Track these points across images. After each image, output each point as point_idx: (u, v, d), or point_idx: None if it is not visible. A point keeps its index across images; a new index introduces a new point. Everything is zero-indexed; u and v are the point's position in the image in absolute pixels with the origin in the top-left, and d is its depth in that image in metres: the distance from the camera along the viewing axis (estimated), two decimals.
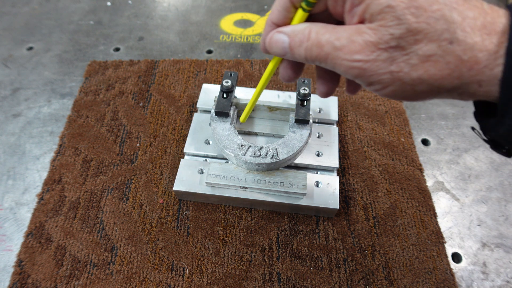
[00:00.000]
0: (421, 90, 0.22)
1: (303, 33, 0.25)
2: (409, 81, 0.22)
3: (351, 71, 0.23)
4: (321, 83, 0.31)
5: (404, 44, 0.21)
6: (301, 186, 0.44)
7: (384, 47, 0.21)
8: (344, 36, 0.23)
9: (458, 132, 0.56)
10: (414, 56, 0.21)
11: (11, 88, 0.62)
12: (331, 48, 0.23)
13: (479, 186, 0.50)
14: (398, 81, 0.22)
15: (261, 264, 0.43)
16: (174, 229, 0.46)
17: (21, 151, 0.54)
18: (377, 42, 0.21)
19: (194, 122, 0.52)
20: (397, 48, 0.21)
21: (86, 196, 0.48)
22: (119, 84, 0.61)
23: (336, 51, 0.23)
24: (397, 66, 0.21)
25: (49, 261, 0.43)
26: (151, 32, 0.72)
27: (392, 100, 0.59)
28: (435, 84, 0.21)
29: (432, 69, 0.21)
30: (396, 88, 0.22)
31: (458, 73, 0.21)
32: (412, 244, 0.45)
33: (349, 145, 0.53)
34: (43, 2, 0.78)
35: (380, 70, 0.22)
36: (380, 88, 0.23)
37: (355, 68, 0.22)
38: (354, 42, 0.22)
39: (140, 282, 0.42)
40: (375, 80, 0.22)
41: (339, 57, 0.23)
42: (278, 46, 0.26)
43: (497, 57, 0.20)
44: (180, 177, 0.46)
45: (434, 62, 0.21)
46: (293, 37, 0.25)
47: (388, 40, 0.21)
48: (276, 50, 0.27)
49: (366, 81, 0.23)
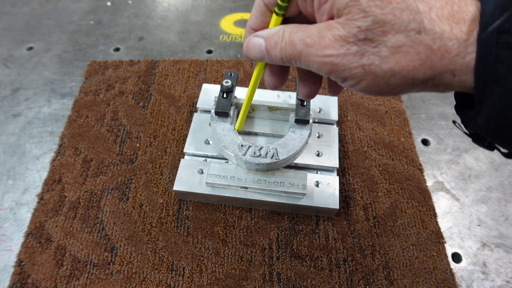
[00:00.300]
0: (395, 83, 0.22)
1: (278, 34, 0.25)
2: (381, 74, 0.22)
3: (323, 67, 0.23)
4: (303, 85, 0.31)
5: (372, 36, 0.21)
6: (301, 186, 0.44)
7: (353, 40, 0.21)
8: (314, 33, 0.23)
9: (458, 132, 0.56)
10: (383, 47, 0.21)
11: (11, 88, 0.62)
12: (303, 45, 0.23)
13: (479, 186, 0.50)
14: (370, 75, 0.22)
15: (261, 264, 0.43)
16: (174, 229, 0.46)
17: (21, 151, 0.54)
18: (346, 36, 0.21)
19: (194, 122, 0.52)
20: (365, 41, 0.21)
21: (86, 196, 0.48)
22: (119, 84, 0.61)
23: (308, 48, 0.23)
24: (368, 59, 0.21)
25: (49, 261, 0.43)
26: (151, 32, 0.72)
27: (392, 100, 0.59)
28: (408, 76, 0.21)
29: (403, 60, 0.21)
30: (369, 82, 0.22)
31: (430, 63, 0.21)
32: (412, 244, 0.45)
33: (349, 145, 0.53)
34: (43, 2, 0.78)
35: (352, 64, 0.22)
36: (354, 83, 0.23)
37: (327, 63, 0.22)
38: (324, 37, 0.22)
39: (140, 282, 0.42)
40: (348, 75, 0.22)
41: (311, 53, 0.23)
42: (256, 49, 0.27)
43: (468, 45, 0.20)
44: (180, 177, 0.46)
45: (404, 53, 0.21)
46: (269, 39, 0.26)
47: (356, 33, 0.21)
48: (254, 54, 0.27)
49: (339, 77, 0.23)
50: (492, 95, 0.20)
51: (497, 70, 0.19)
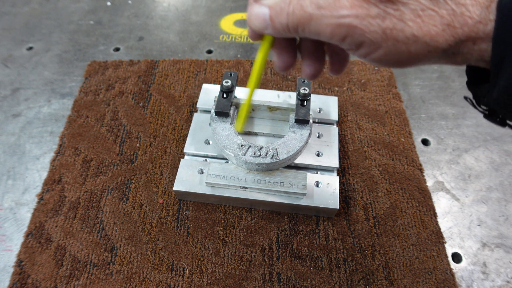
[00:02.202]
0: (416, 51, 0.21)
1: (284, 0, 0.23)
2: (403, 39, 0.20)
3: (338, 30, 0.21)
4: (307, 65, 0.28)
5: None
6: (301, 186, 0.44)
7: (374, 2, 0.20)
8: None
9: (458, 132, 0.56)
10: (407, 10, 0.20)
11: (11, 88, 0.62)
12: (315, 7, 0.21)
13: (479, 186, 0.50)
14: (391, 40, 0.20)
15: (261, 264, 0.43)
16: (174, 229, 0.46)
17: (21, 151, 0.54)
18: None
19: (194, 122, 0.52)
20: (388, 3, 0.20)
21: (86, 196, 0.48)
22: (119, 84, 0.61)
23: (321, 10, 0.21)
24: (390, 22, 0.20)
25: (49, 261, 0.43)
26: (151, 32, 0.72)
27: (392, 100, 0.59)
28: (431, 42, 0.20)
29: (427, 24, 0.20)
30: (389, 49, 0.21)
31: (453, 29, 0.20)
32: (412, 244, 0.45)
33: (349, 145, 0.53)
34: (43, 2, 0.78)
35: (372, 27, 0.20)
36: (371, 50, 0.21)
37: (343, 26, 0.21)
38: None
39: (140, 282, 0.42)
40: (365, 39, 0.21)
41: (324, 15, 0.21)
42: (259, 18, 0.24)
43: (490, 12, 0.20)
44: (180, 177, 0.46)
45: (428, 16, 0.20)
46: (274, 6, 0.23)
47: None
48: (256, 24, 0.25)
49: (355, 42, 0.21)
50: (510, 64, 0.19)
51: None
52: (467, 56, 0.21)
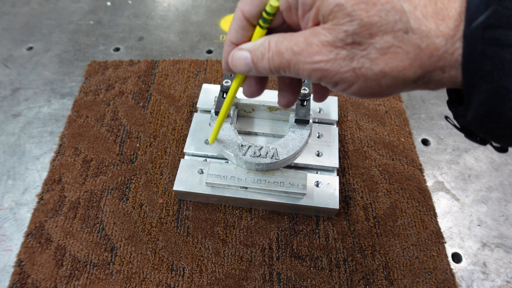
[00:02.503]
0: (386, 84, 0.22)
1: (263, 45, 0.25)
2: (372, 76, 0.22)
3: (314, 73, 0.23)
4: (282, 95, 0.31)
5: (360, 39, 0.21)
6: (301, 186, 0.44)
7: (341, 45, 0.21)
8: (301, 41, 0.23)
9: (458, 132, 0.56)
10: (372, 50, 0.21)
11: (11, 88, 0.62)
12: (291, 54, 0.23)
13: (479, 186, 0.50)
14: (362, 77, 0.22)
15: (261, 264, 0.43)
16: (174, 229, 0.46)
17: (21, 151, 0.54)
18: (333, 41, 0.21)
19: (194, 122, 0.52)
20: (354, 45, 0.21)
21: (86, 196, 0.48)
22: (119, 84, 0.61)
23: (296, 56, 0.23)
24: (358, 62, 0.21)
25: (49, 261, 0.43)
26: (151, 32, 0.72)
27: (392, 100, 0.59)
28: (399, 76, 0.21)
29: (393, 60, 0.21)
30: (361, 85, 0.22)
31: (420, 61, 0.21)
32: (412, 244, 0.45)
33: (349, 145, 0.53)
34: (43, 2, 0.78)
35: (342, 69, 0.22)
36: (345, 87, 0.23)
37: (317, 70, 0.22)
38: (311, 44, 0.22)
39: (140, 282, 0.42)
40: (339, 79, 0.22)
41: (300, 61, 0.23)
42: (242, 63, 0.26)
43: (455, 41, 0.20)
44: (180, 177, 0.46)
45: (393, 53, 0.21)
46: (255, 51, 0.25)
47: (343, 37, 0.21)
48: (240, 68, 0.27)
49: (330, 82, 0.23)
50: (479, 91, 0.20)
51: (484, 66, 0.19)
52: (440, 83, 0.22)
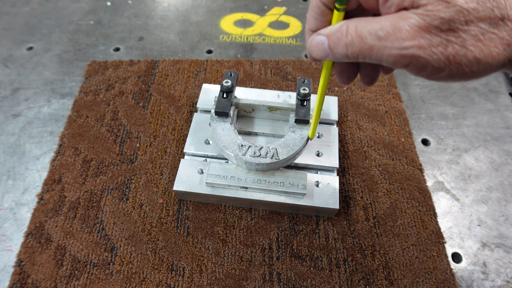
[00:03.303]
0: (478, 70, 0.22)
1: (340, 30, 0.24)
2: (466, 62, 0.21)
3: (402, 60, 0.22)
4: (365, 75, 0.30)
5: (456, 26, 0.20)
6: (301, 186, 0.44)
7: (435, 32, 0.21)
8: (387, 25, 0.22)
9: (458, 132, 0.56)
10: (468, 36, 0.21)
11: (11, 88, 0.62)
12: (374, 38, 0.22)
13: (479, 186, 0.50)
14: (454, 65, 0.21)
15: (261, 264, 0.43)
16: (174, 229, 0.46)
17: (21, 151, 0.54)
18: (427, 27, 0.21)
19: (194, 122, 0.52)
20: (449, 32, 0.21)
21: (86, 196, 0.48)
22: (119, 84, 0.61)
23: (382, 41, 0.22)
24: (453, 49, 0.21)
25: (49, 261, 0.43)
26: (151, 32, 0.72)
27: (392, 100, 0.59)
28: (493, 62, 0.21)
29: (488, 47, 0.21)
30: (452, 71, 0.22)
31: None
32: (412, 244, 0.45)
33: (349, 145, 0.53)
34: (43, 2, 0.78)
35: (435, 56, 0.21)
36: (433, 73, 0.22)
37: (406, 56, 0.21)
38: (400, 28, 0.21)
39: (140, 282, 0.42)
40: (429, 65, 0.22)
41: (387, 46, 0.22)
42: (319, 48, 0.26)
43: None
44: (180, 177, 0.46)
45: (489, 39, 0.21)
46: (331, 36, 0.25)
47: (439, 24, 0.20)
48: (318, 53, 0.26)
49: (418, 68, 0.22)
50: None
51: None
52: None
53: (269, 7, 0.77)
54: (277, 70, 0.64)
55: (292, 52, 0.68)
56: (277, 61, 0.65)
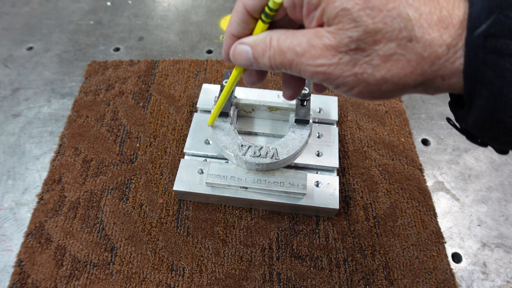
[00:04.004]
0: (386, 89, 0.22)
1: (265, 42, 0.25)
2: (373, 81, 0.22)
3: (316, 75, 0.23)
4: (287, 88, 0.32)
5: (364, 45, 0.21)
6: (301, 186, 0.44)
7: (344, 50, 0.21)
8: (304, 41, 0.23)
9: (458, 132, 0.56)
10: (375, 56, 0.21)
11: (11, 88, 0.62)
12: (293, 54, 0.23)
13: (479, 186, 0.50)
14: (363, 83, 0.22)
15: (261, 264, 0.43)
16: (174, 229, 0.46)
17: (21, 151, 0.54)
18: (337, 46, 0.21)
19: (194, 122, 0.52)
20: (357, 50, 0.21)
21: (86, 196, 0.48)
22: (119, 84, 0.61)
23: (299, 57, 0.23)
24: (360, 67, 0.22)
25: (49, 261, 0.43)
26: (151, 32, 0.72)
27: (392, 100, 0.59)
28: (400, 82, 0.22)
29: (395, 68, 0.21)
30: (362, 89, 0.23)
31: (421, 69, 0.21)
32: (412, 244, 0.45)
33: (349, 145, 0.53)
34: (43, 2, 0.78)
35: (344, 73, 0.22)
36: (346, 90, 0.23)
37: (319, 73, 0.23)
38: (314, 46, 0.22)
39: (140, 282, 0.42)
40: (340, 82, 0.23)
41: (303, 62, 0.23)
42: (243, 57, 0.26)
43: (457, 50, 0.20)
44: (180, 177, 0.46)
45: (395, 61, 0.21)
46: (255, 47, 0.25)
47: (348, 43, 0.21)
48: (242, 62, 0.27)
49: (332, 84, 0.23)
50: (480, 97, 0.20)
51: (485, 74, 0.19)
52: (439, 89, 0.22)
53: None
54: None
55: None
56: None
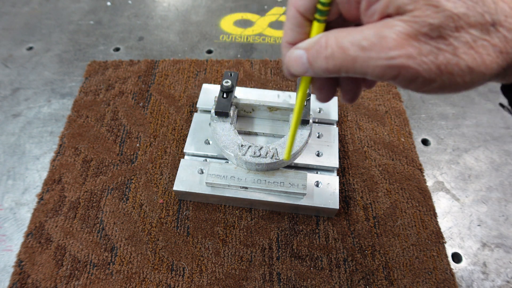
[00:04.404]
0: (471, 80, 0.20)
1: (319, 43, 0.22)
2: (458, 72, 0.20)
3: (389, 71, 0.20)
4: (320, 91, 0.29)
5: (446, 33, 0.19)
6: (301, 186, 0.44)
7: (424, 39, 0.19)
8: (370, 34, 0.20)
9: (458, 132, 0.56)
10: (459, 44, 0.19)
11: (11, 88, 0.62)
12: (358, 50, 0.20)
13: (479, 186, 0.50)
14: (446, 74, 0.20)
15: (261, 264, 0.43)
16: (174, 229, 0.46)
17: (21, 151, 0.54)
18: (415, 34, 0.19)
19: (194, 122, 0.52)
20: (438, 39, 0.19)
21: (86, 196, 0.48)
22: (119, 84, 0.61)
23: (366, 52, 0.20)
24: (444, 57, 0.19)
25: (49, 261, 0.43)
26: (151, 32, 0.72)
27: (392, 100, 0.59)
28: (486, 71, 0.20)
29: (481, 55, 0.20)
30: (443, 82, 0.20)
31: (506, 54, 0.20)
32: (412, 244, 0.45)
33: (349, 145, 0.53)
34: (43, 2, 0.78)
35: (425, 65, 0.19)
36: (423, 84, 0.21)
37: (393, 66, 0.20)
38: (386, 37, 0.19)
39: (140, 282, 0.42)
40: (419, 76, 0.20)
41: (371, 57, 0.20)
42: (297, 62, 0.24)
43: None
44: (180, 177, 0.46)
45: (481, 47, 0.20)
46: (310, 49, 0.23)
47: (428, 31, 0.19)
48: (297, 68, 0.24)
49: (405, 80, 0.20)
50: None
51: None
52: None
53: (269, 7, 0.77)
54: (277, 70, 0.64)
55: None
56: (277, 61, 0.65)
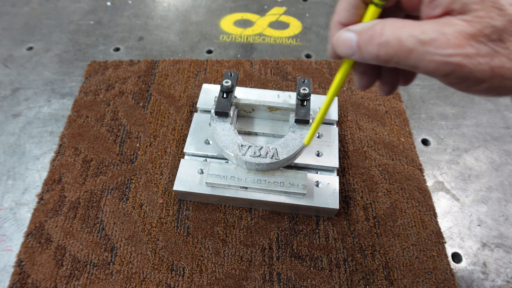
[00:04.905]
0: None
1: (374, 29, 0.22)
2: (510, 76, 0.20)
3: (444, 67, 0.20)
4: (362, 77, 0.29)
5: (505, 37, 0.19)
6: (301, 186, 0.44)
7: (483, 40, 0.19)
8: (430, 29, 0.20)
9: (458, 132, 0.56)
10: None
11: (11, 88, 0.62)
12: (415, 42, 0.20)
13: (479, 186, 0.50)
14: (498, 77, 0.20)
15: (261, 264, 0.43)
16: (174, 229, 0.46)
17: (21, 151, 0.54)
18: (476, 35, 0.19)
19: (194, 122, 0.52)
20: (497, 41, 0.20)
21: (86, 196, 0.48)
22: (119, 84, 0.61)
23: (423, 46, 0.20)
24: (499, 60, 0.20)
25: (49, 261, 0.43)
26: (151, 32, 0.72)
27: (392, 100, 0.59)
28: None
29: None
30: (493, 84, 0.21)
31: None
32: (412, 244, 0.45)
33: (349, 145, 0.53)
34: (43, 2, 0.78)
35: (480, 66, 0.20)
36: (472, 84, 0.21)
37: (449, 64, 0.20)
38: (445, 34, 0.20)
39: (140, 282, 0.42)
40: (471, 76, 0.20)
41: (428, 52, 0.20)
42: (346, 44, 0.24)
43: None
44: (180, 177, 0.46)
45: None
46: (362, 34, 0.23)
47: (489, 33, 0.19)
48: (343, 49, 0.24)
49: (459, 78, 0.21)
50: None
51: None
52: None
53: (269, 7, 0.77)
54: (277, 70, 0.64)
55: (292, 52, 0.68)
56: (277, 61, 0.65)
